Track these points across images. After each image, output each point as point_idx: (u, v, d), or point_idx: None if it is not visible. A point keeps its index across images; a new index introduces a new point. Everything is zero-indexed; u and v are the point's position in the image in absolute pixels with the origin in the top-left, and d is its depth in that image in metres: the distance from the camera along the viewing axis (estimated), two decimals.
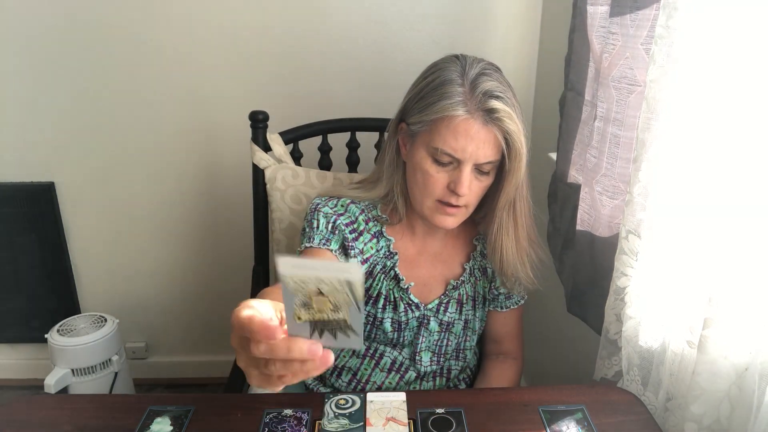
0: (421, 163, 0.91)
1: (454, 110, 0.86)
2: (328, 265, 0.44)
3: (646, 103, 0.82)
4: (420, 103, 0.91)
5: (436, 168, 0.90)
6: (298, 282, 0.44)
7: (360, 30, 1.67)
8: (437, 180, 0.91)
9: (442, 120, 0.87)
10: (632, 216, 0.88)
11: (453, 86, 0.87)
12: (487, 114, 0.86)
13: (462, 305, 1.05)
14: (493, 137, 0.87)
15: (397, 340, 1.03)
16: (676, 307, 0.85)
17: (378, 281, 1.01)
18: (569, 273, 1.20)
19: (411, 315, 1.02)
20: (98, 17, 1.64)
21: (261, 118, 1.30)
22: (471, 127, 0.86)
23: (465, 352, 1.09)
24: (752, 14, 0.68)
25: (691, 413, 0.78)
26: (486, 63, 0.91)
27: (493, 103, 0.85)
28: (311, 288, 0.44)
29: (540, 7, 1.67)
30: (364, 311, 0.48)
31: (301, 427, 0.82)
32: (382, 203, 1.03)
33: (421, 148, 0.91)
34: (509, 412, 0.87)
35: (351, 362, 1.05)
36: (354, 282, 0.43)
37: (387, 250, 1.02)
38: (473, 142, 0.86)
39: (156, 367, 2.09)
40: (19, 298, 1.95)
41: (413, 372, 1.05)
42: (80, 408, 0.89)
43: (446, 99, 0.87)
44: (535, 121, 1.79)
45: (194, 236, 1.92)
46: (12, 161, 1.80)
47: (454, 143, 0.87)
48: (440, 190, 0.91)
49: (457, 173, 0.89)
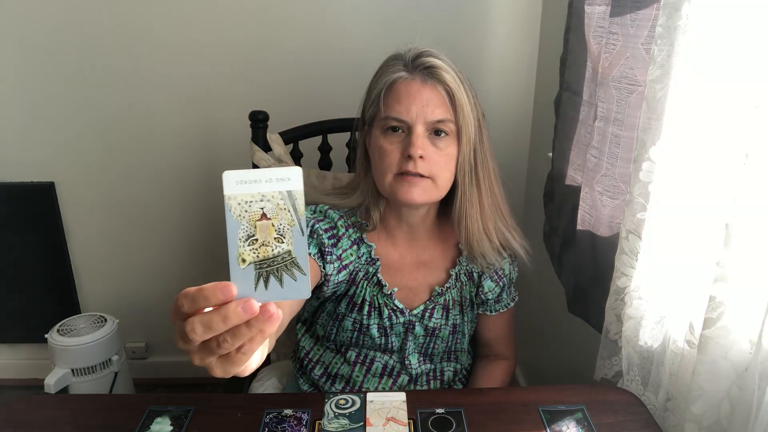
0: (376, 141, 0.93)
1: (394, 75, 0.90)
2: (269, 172, 0.44)
3: (646, 103, 0.82)
4: (368, 95, 0.96)
5: (390, 140, 0.91)
6: (243, 203, 0.45)
7: (360, 30, 1.67)
8: (391, 151, 0.91)
9: (386, 91, 0.91)
10: (632, 216, 0.88)
11: (391, 63, 0.93)
12: (425, 71, 0.89)
13: (448, 311, 1.04)
14: (437, 94, 0.89)
15: (386, 346, 1.02)
16: (676, 307, 0.85)
17: (361, 288, 1.00)
18: (569, 273, 1.20)
19: (396, 320, 1.01)
20: (98, 17, 1.65)
21: (261, 118, 1.31)
22: (411, 86, 0.89)
23: (456, 354, 1.09)
24: (752, 14, 0.68)
25: (691, 413, 0.78)
26: (424, 47, 0.94)
27: (430, 60, 0.89)
28: (255, 210, 0.44)
29: (540, 7, 1.67)
30: (307, 232, 0.48)
31: (301, 427, 0.82)
32: (360, 210, 1.01)
33: (376, 129, 0.94)
34: (509, 412, 0.87)
35: (343, 369, 1.05)
36: (295, 192, 0.44)
37: (368, 256, 1.00)
38: (416, 101, 0.89)
39: (156, 367, 2.09)
40: (19, 298, 1.95)
41: (405, 375, 1.05)
42: (80, 408, 0.89)
43: (386, 73, 0.91)
44: (535, 121, 1.79)
45: (194, 236, 1.92)
46: (12, 161, 1.80)
47: (398, 106, 0.89)
48: (396, 161, 0.90)
49: (410, 138, 0.90)
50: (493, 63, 1.72)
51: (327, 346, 1.07)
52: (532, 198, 1.82)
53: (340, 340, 1.03)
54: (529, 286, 1.19)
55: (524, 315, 1.20)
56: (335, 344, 1.05)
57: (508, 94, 1.77)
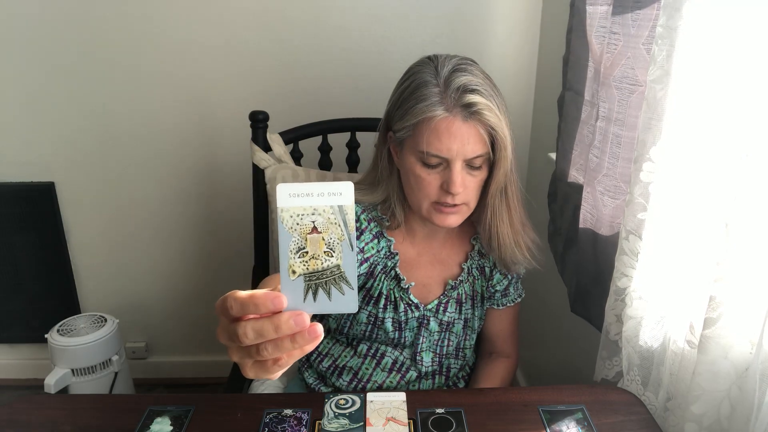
0: (412, 168, 0.92)
1: (433, 111, 0.86)
2: (321, 186, 0.45)
3: (646, 103, 0.82)
4: (400, 110, 0.92)
5: (427, 171, 0.91)
6: (295, 216, 0.45)
7: (360, 30, 1.67)
8: (430, 182, 0.91)
9: (423, 122, 0.88)
10: (633, 216, 0.87)
11: (428, 87, 0.88)
12: (465, 109, 0.86)
13: (461, 305, 1.06)
14: (475, 131, 0.87)
15: (398, 341, 1.03)
16: (676, 307, 0.85)
17: (379, 281, 1.02)
18: (572, 273, 1.20)
19: (411, 315, 1.02)
20: (98, 17, 1.64)
21: (261, 118, 1.31)
22: (452, 124, 0.86)
23: (465, 351, 1.10)
24: (753, 14, 0.68)
25: (691, 413, 0.78)
26: (459, 58, 0.91)
27: (470, 97, 0.86)
28: (306, 223, 0.45)
29: (540, 7, 1.67)
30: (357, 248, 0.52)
31: (301, 427, 0.82)
32: (382, 206, 1.03)
33: (410, 154, 0.92)
34: (509, 412, 0.87)
35: (352, 362, 1.05)
36: (346, 207, 0.45)
37: (388, 250, 1.02)
38: (457, 140, 0.87)
39: (156, 367, 2.09)
40: (19, 298, 1.95)
41: (414, 372, 1.05)
42: (80, 408, 0.89)
43: (423, 101, 0.87)
44: (535, 121, 1.79)
45: (194, 236, 1.92)
46: (12, 161, 1.80)
47: (438, 144, 0.87)
48: (435, 192, 0.92)
49: (448, 173, 0.90)
50: (493, 63, 1.72)
51: (337, 339, 1.08)
52: (532, 198, 1.81)
53: (353, 334, 1.04)
54: (529, 287, 1.19)
55: (525, 315, 1.20)
56: (347, 337, 1.07)
57: (508, 94, 1.76)
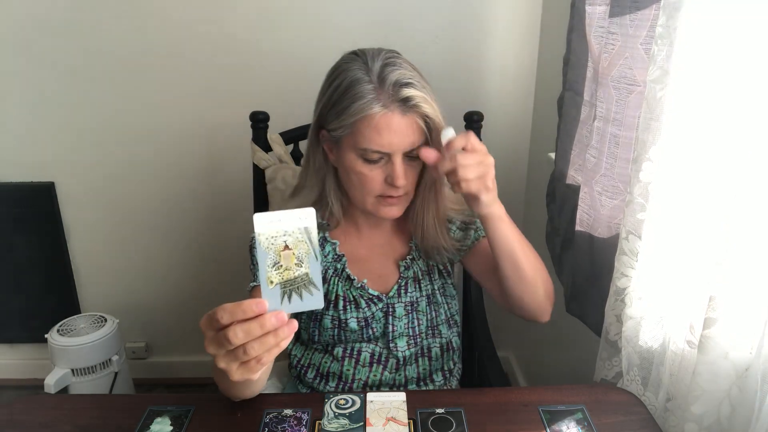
0: (352, 165, 0.92)
1: (370, 108, 0.87)
2: (288, 214, 0.57)
3: (645, 103, 0.82)
4: (334, 110, 0.91)
5: (369, 167, 0.91)
6: (270, 238, 0.57)
7: (360, 30, 1.67)
8: (373, 178, 0.92)
9: (362, 121, 0.88)
10: (632, 216, 0.87)
11: (362, 85, 0.88)
12: (403, 104, 0.87)
13: (419, 281, 1.06)
14: (414, 123, 0.88)
15: (369, 335, 1.03)
16: (676, 307, 0.85)
17: (333, 284, 1.02)
18: (568, 273, 1.20)
19: (375, 308, 1.02)
20: (98, 17, 1.65)
21: (261, 118, 1.31)
22: (391, 120, 0.87)
23: (439, 328, 1.08)
24: (752, 14, 0.68)
25: (691, 413, 0.78)
26: (386, 52, 0.92)
27: (406, 91, 0.86)
28: (279, 243, 0.57)
29: (540, 7, 1.67)
30: (321, 257, 0.69)
31: (301, 427, 0.82)
32: (317, 205, 1.01)
33: (349, 151, 0.92)
34: (509, 412, 0.87)
35: (333, 367, 1.05)
36: (310, 227, 0.57)
37: (334, 253, 1.03)
38: (398, 134, 0.88)
39: (156, 367, 2.09)
40: (19, 298, 1.95)
41: (393, 359, 1.05)
42: (80, 408, 0.89)
43: (360, 99, 0.87)
44: (535, 121, 1.79)
45: (194, 236, 1.92)
46: (12, 161, 1.80)
47: (379, 140, 0.88)
48: (378, 187, 0.92)
49: (390, 166, 0.90)
50: (493, 63, 1.72)
51: (315, 348, 1.08)
52: (532, 198, 1.82)
53: (324, 340, 1.04)
54: None
55: None
56: (321, 344, 1.06)
57: (508, 94, 1.77)
